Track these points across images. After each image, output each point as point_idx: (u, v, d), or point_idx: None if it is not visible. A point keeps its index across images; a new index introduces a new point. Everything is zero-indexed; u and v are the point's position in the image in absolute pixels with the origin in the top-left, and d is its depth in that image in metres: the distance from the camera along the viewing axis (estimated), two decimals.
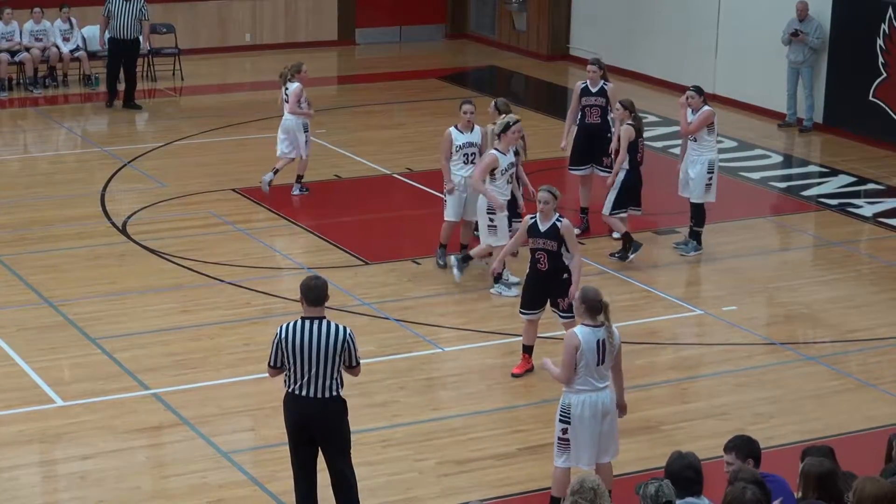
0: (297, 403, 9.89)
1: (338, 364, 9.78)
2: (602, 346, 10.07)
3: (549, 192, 12.74)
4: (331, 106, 23.25)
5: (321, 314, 9.78)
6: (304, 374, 9.77)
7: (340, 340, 9.72)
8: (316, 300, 9.75)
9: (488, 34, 28.70)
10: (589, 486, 7.77)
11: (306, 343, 9.70)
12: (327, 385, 9.78)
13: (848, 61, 21.53)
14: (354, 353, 9.86)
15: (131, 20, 22.71)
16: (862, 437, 12.14)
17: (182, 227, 17.02)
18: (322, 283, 9.80)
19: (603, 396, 10.17)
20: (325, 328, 9.74)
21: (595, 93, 16.83)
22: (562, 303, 12.73)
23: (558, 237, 12.60)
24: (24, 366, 13.13)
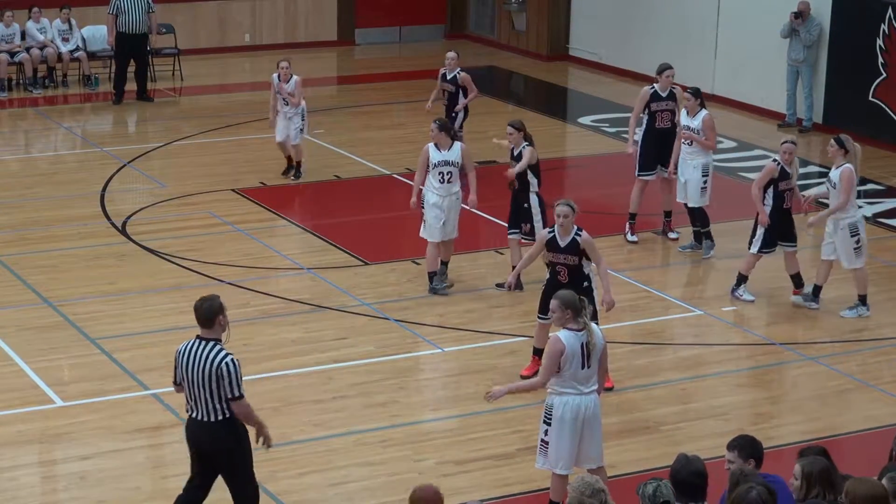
0: (189, 424, 9.65)
1: (218, 391, 9.38)
2: (585, 349, 10.02)
3: (569, 206, 12.42)
4: (330, 106, 23.25)
5: (211, 335, 9.46)
6: (192, 395, 9.50)
7: (214, 367, 9.34)
8: (202, 321, 9.48)
9: (488, 34, 28.70)
10: (599, 486, 7.79)
11: (190, 364, 9.44)
12: (213, 408, 9.43)
13: (848, 61, 21.53)
14: (230, 386, 9.36)
15: (140, 14, 22.86)
16: (862, 438, 12.13)
17: (182, 227, 17.02)
18: (207, 305, 9.50)
19: (587, 401, 10.12)
20: (207, 351, 9.41)
21: (665, 97, 16.77)
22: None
23: (579, 251, 12.42)
24: (23, 366, 13.13)
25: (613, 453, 11.66)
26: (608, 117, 22.77)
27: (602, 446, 10.38)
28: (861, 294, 14.76)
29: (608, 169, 20.16)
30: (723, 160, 20.54)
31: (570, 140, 22.08)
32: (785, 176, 14.69)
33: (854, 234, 14.47)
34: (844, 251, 14.53)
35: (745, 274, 15.00)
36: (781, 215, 14.75)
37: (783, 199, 14.73)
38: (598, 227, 17.20)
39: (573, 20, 27.02)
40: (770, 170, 14.72)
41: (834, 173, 14.48)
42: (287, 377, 13.16)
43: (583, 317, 10.03)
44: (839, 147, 14.43)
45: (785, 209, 14.77)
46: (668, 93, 16.79)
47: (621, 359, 13.66)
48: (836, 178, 14.39)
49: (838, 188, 14.36)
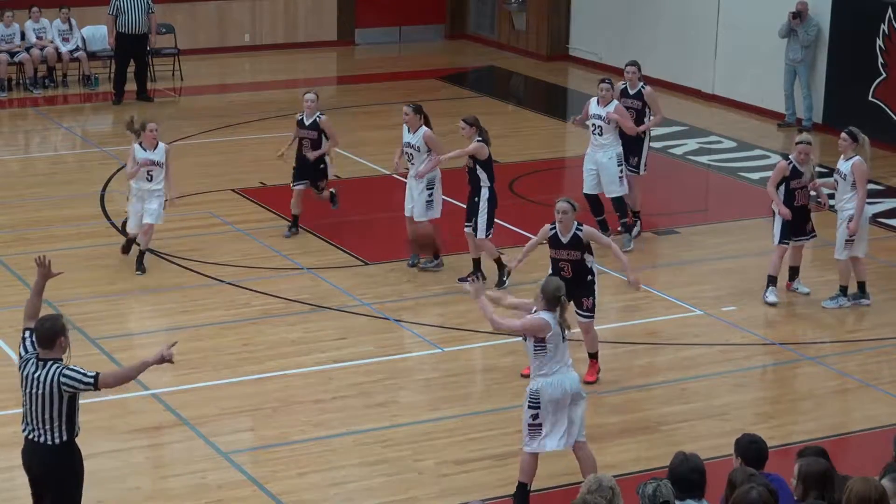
0: (25, 447, 9.35)
1: (57, 410, 9.07)
2: (562, 327, 10.45)
3: (568, 203, 12.54)
4: (330, 106, 23.24)
5: (51, 356, 9.18)
6: (29, 413, 9.19)
7: (55, 383, 9.05)
8: (42, 341, 9.21)
9: (488, 34, 28.71)
10: (607, 484, 7.79)
11: (30, 384, 9.13)
12: (51, 430, 9.13)
13: (847, 61, 21.53)
14: (81, 382, 9.08)
15: (140, 14, 22.90)
16: (862, 438, 12.13)
17: (181, 227, 17.00)
18: (49, 325, 9.23)
19: (570, 378, 10.46)
20: (44, 372, 9.10)
21: (633, 95, 16.87)
22: (586, 302, 12.72)
23: (582, 246, 12.54)
24: None
25: (613, 453, 11.67)
26: None
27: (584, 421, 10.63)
28: (842, 285, 14.90)
29: None
30: (723, 160, 20.57)
31: (570, 140, 22.08)
32: (796, 175, 14.79)
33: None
34: (838, 241, 14.75)
35: (773, 275, 15.00)
36: (794, 212, 14.86)
37: (794, 197, 14.84)
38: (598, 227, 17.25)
39: (573, 20, 27.02)
40: (781, 168, 14.88)
41: (844, 165, 14.62)
42: (287, 377, 13.16)
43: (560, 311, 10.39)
44: (852, 140, 14.63)
45: (796, 206, 14.87)
46: (635, 90, 16.86)
47: (621, 359, 13.67)
48: (848, 171, 14.56)
49: (848, 181, 14.56)
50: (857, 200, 14.56)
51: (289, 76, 25.94)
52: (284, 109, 22.63)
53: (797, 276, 15.26)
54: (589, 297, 12.72)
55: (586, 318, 12.81)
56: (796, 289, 15.25)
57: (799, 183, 14.84)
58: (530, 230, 16.96)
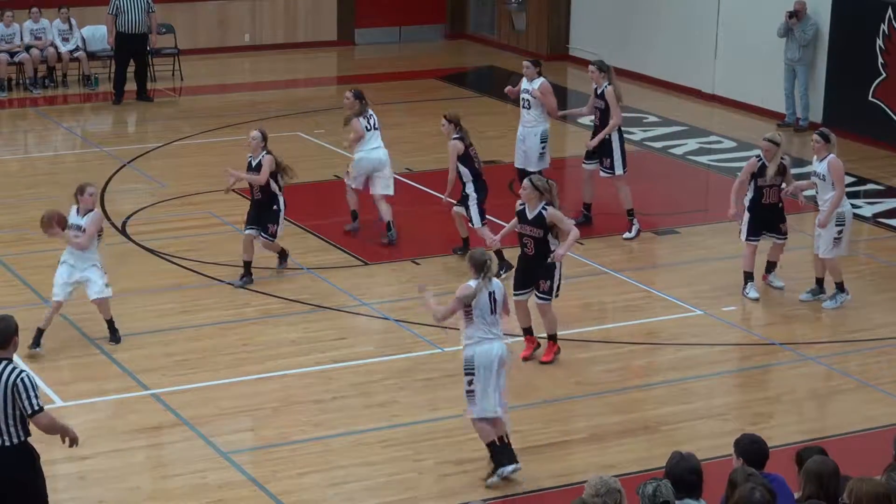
0: None
1: (12, 411, 9.01)
2: (492, 297, 11.01)
3: (530, 181, 13.17)
4: (330, 106, 23.24)
5: (4, 356, 9.11)
6: None
7: (9, 386, 8.97)
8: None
9: (488, 34, 28.70)
10: (615, 487, 7.80)
11: None
12: (5, 431, 9.03)
13: (847, 61, 21.52)
14: (28, 401, 8.99)
15: (140, 14, 22.91)
16: (861, 438, 12.13)
17: (181, 227, 17.01)
18: (3, 326, 9.19)
19: (499, 346, 11.05)
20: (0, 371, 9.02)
21: (598, 95, 17.02)
22: (543, 284, 13.15)
23: (544, 225, 13.00)
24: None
25: (614, 453, 11.68)
26: None
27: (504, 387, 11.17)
28: (837, 282, 14.84)
29: None
30: (723, 160, 20.56)
31: (570, 140, 22.07)
32: (763, 172, 14.84)
33: (839, 223, 14.58)
34: (824, 239, 14.64)
35: (748, 271, 15.06)
36: (762, 209, 14.91)
37: (762, 195, 14.89)
38: (598, 227, 17.26)
39: (573, 20, 27.02)
40: (751, 164, 14.97)
41: (820, 166, 14.61)
42: (287, 377, 13.16)
43: (485, 275, 10.99)
44: (825, 141, 14.60)
45: (765, 204, 14.90)
46: (601, 90, 17.02)
47: (622, 359, 13.67)
48: (825, 170, 14.54)
49: (828, 179, 14.51)
50: (835, 196, 14.47)
51: (289, 76, 25.94)
52: (284, 109, 22.66)
53: (773, 269, 15.34)
54: (547, 280, 13.14)
55: (543, 300, 13.22)
56: (771, 283, 15.31)
57: (765, 181, 14.85)
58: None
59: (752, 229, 15.00)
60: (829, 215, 14.52)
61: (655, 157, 20.80)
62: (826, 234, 14.63)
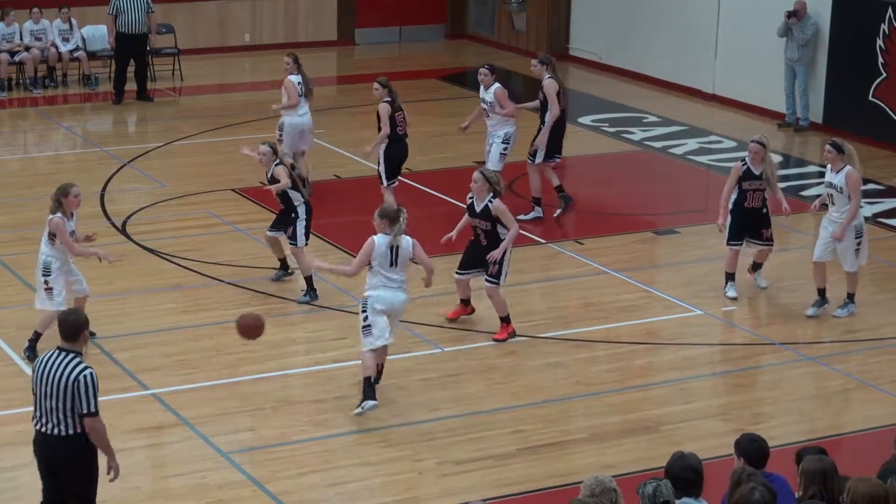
0: (36, 438, 9.48)
1: (71, 404, 9.21)
2: (395, 251, 12.19)
3: (480, 173, 13.73)
4: (330, 106, 23.25)
5: (73, 348, 9.29)
6: (40, 407, 9.31)
7: (71, 379, 9.15)
8: (65, 335, 9.30)
9: (488, 34, 28.71)
10: (610, 486, 7.80)
11: (47, 374, 9.24)
12: (62, 422, 9.25)
13: (848, 61, 21.53)
14: (86, 400, 9.17)
15: (140, 14, 22.93)
16: (862, 437, 12.13)
17: (181, 227, 17.01)
18: (73, 318, 9.35)
19: (397, 295, 12.26)
20: (66, 363, 9.21)
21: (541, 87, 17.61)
22: (491, 268, 13.73)
23: (491, 217, 13.62)
24: (23, 366, 13.13)
25: (614, 453, 11.68)
26: (608, 117, 22.77)
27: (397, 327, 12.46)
28: (850, 292, 14.67)
29: (608, 169, 20.18)
30: (723, 160, 20.55)
31: (569, 140, 22.02)
32: (749, 176, 14.74)
33: (859, 235, 14.37)
34: (846, 252, 14.39)
35: (729, 272, 15.06)
36: (745, 213, 14.79)
37: (745, 198, 14.79)
38: (598, 227, 17.27)
39: (573, 20, 27.02)
40: (736, 169, 14.89)
41: (837, 178, 14.25)
42: (287, 377, 13.16)
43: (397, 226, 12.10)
44: (837, 152, 14.28)
45: (748, 208, 14.79)
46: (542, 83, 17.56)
47: (621, 359, 13.67)
48: (842, 183, 14.19)
49: (845, 192, 14.19)
50: (850, 208, 14.20)
51: None
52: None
53: (759, 269, 15.31)
54: (495, 263, 13.69)
55: (491, 283, 13.81)
56: (756, 282, 15.31)
57: (751, 185, 14.73)
58: (531, 230, 16.98)
59: (733, 234, 14.89)
60: (844, 228, 14.24)
61: (655, 157, 20.80)
62: (846, 247, 14.34)
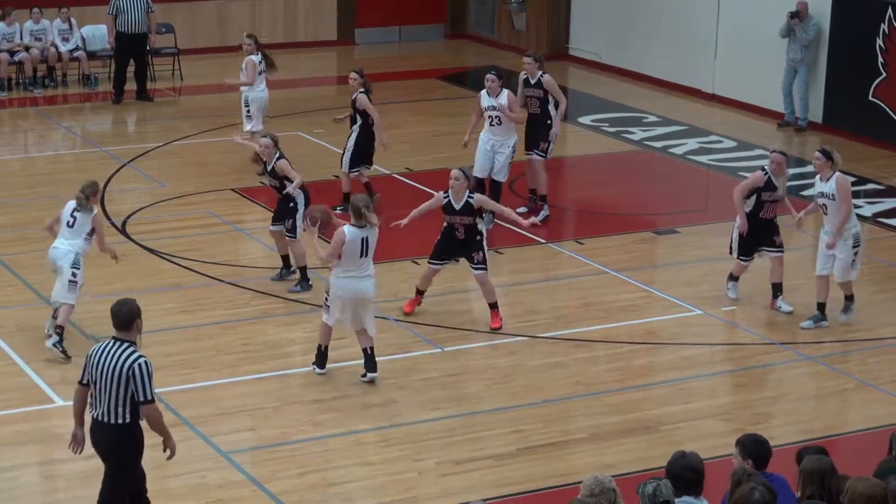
0: (92, 425, 9.63)
1: (124, 394, 9.40)
2: (365, 242, 12.52)
3: (461, 171, 14.00)
4: (330, 106, 23.24)
5: (127, 338, 9.50)
6: (97, 395, 9.49)
7: (125, 368, 9.35)
8: (118, 325, 9.51)
9: (488, 34, 28.70)
10: (609, 486, 7.80)
11: (101, 364, 9.42)
12: (115, 411, 9.44)
13: (847, 61, 21.53)
14: (142, 388, 9.39)
15: (139, 14, 22.94)
16: (861, 437, 12.14)
17: (181, 227, 17.01)
18: (126, 308, 9.55)
19: (364, 284, 12.61)
20: (120, 352, 9.41)
21: (534, 84, 17.27)
22: (476, 256, 14.08)
23: (473, 211, 13.99)
24: (23, 366, 13.13)
25: (613, 453, 11.68)
26: (608, 117, 22.76)
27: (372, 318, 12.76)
28: (849, 294, 14.41)
29: (608, 169, 20.18)
30: (723, 160, 20.56)
31: (569, 140, 22.06)
32: (770, 187, 14.41)
33: (856, 245, 14.05)
34: (841, 263, 14.08)
35: (735, 274, 14.92)
36: (759, 223, 14.50)
37: (762, 208, 14.46)
38: (598, 227, 17.27)
39: (573, 20, 27.02)
40: (757, 178, 14.45)
41: (827, 186, 13.98)
42: (287, 377, 13.16)
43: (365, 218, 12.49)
44: (826, 159, 13.97)
45: (762, 218, 14.49)
46: (535, 80, 17.26)
47: (621, 359, 13.67)
48: (832, 190, 13.92)
49: (837, 199, 13.91)
50: (841, 216, 13.89)
51: (289, 76, 25.90)
52: (284, 110, 22.64)
53: (780, 293, 14.80)
54: (478, 251, 14.08)
55: (479, 270, 14.13)
56: (779, 307, 14.76)
57: (771, 196, 14.42)
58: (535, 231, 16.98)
59: (744, 248, 14.57)
60: (836, 237, 13.95)
61: (655, 157, 20.80)
62: (843, 257, 14.01)
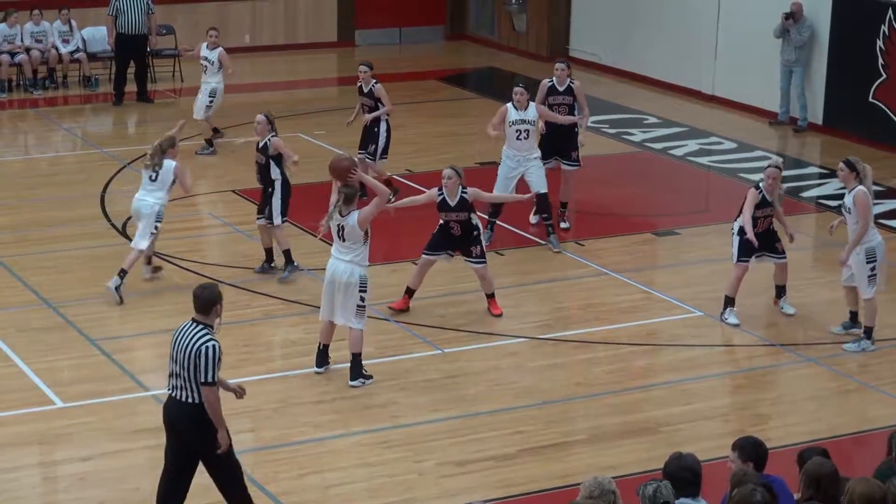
0: (166, 403, 9.97)
1: (194, 373, 9.67)
2: (340, 227, 12.57)
3: (453, 169, 14.26)
4: (330, 107, 23.26)
5: (205, 321, 9.75)
6: (172, 372, 9.81)
7: (195, 348, 9.62)
8: (198, 308, 9.78)
9: (488, 35, 28.71)
10: (609, 488, 7.81)
11: (178, 344, 9.74)
12: (189, 389, 9.72)
13: (848, 62, 21.53)
14: (205, 369, 9.63)
15: (140, 15, 22.95)
16: (862, 439, 12.14)
17: (182, 228, 17.01)
18: (207, 293, 9.79)
19: (340, 266, 12.63)
20: (195, 333, 9.69)
21: (563, 91, 17.03)
22: (474, 250, 14.29)
23: (468, 207, 14.20)
24: (23, 367, 13.13)
25: (614, 454, 11.68)
26: (608, 118, 22.77)
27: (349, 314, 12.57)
28: (868, 326, 13.88)
29: (608, 170, 20.18)
30: (723, 161, 20.57)
31: None
32: (764, 204, 14.29)
33: (870, 259, 13.70)
34: (860, 277, 13.81)
35: (731, 296, 14.52)
36: (757, 236, 14.25)
37: (755, 224, 14.21)
38: (598, 228, 17.27)
39: (573, 21, 27.03)
40: (753, 197, 14.27)
41: (848, 198, 13.78)
42: (287, 378, 13.16)
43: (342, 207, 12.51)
44: (850, 170, 13.68)
45: (758, 232, 14.25)
46: (565, 87, 17.02)
47: (622, 360, 13.67)
48: (850, 203, 13.72)
49: (854, 213, 13.71)
50: (858, 230, 13.66)
51: (289, 77, 25.96)
52: (285, 110, 22.65)
53: (784, 294, 14.77)
54: (476, 245, 14.28)
55: (478, 263, 14.36)
56: (782, 308, 14.74)
57: (763, 212, 14.28)
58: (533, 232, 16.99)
59: (745, 250, 14.35)
60: (849, 252, 13.68)
61: (655, 158, 20.80)
62: (859, 272, 13.74)
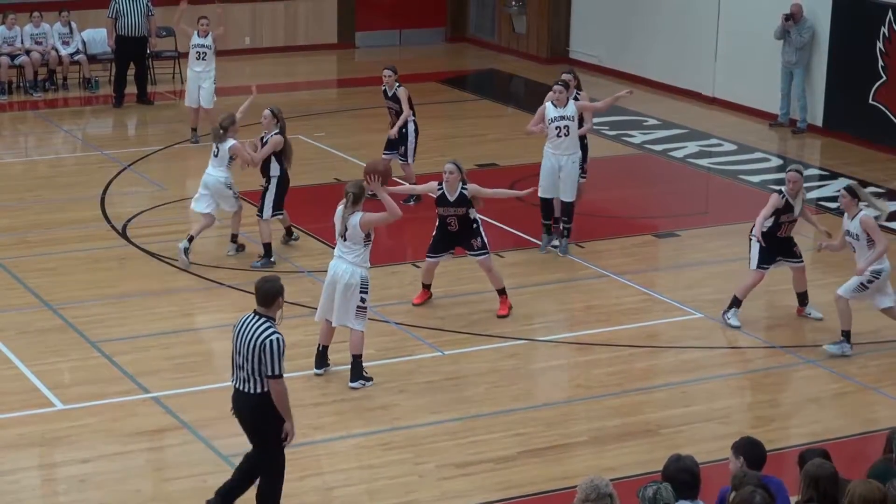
0: (233, 395, 10.19)
1: (258, 365, 9.88)
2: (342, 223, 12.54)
3: (454, 164, 14.26)
4: (331, 109, 23.26)
5: (267, 314, 9.99)
6: (235, 364, 10.04)
7: (259, 342, 9.84)
8: (260, 300, 10.04)
9: (488, 37, 28.71)
10: (605, 491, 7.79)
11: (241, 336, 9.97)
12: (252, 380, 9.93)
13: (848, 64, 21.54)
14: (270, 363, 9.85)
15: (139, 17, 22.97)
16: (862, 441, 12.14)
17: (182, 230, 16.98)
18: (269, 286, 10.02)
19: (341, 266, 12.57)
20: (257, 325, 9.93)
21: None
22: (475, 243, 14.35)
23: (467, 201, 14.22)
24: (23, 369, 13.13)
25: (614, 456, 11.68)
26: (608, 120, 22.76)
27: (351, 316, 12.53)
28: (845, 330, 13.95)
29: (608, 172, 20.17)
30: (723, 163, 20.57)
31: None
32: (788, 209, 14.28)
33: (874, 276, 13.65)
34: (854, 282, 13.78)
35: (740, 298, 14.55)
36: (777, 241, 14.34)
37: (780, 228, 14.29)
38: (598, 230, 17.27)
39: (573, 23, 27.04)
40: (775, 201, 14.25)
41: (852, 224, 13.70)
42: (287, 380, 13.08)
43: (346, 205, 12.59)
44: (852, 197, 13.65)
45: (780, 237, 14.31)
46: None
47: (623, 362, 13.67)
48: (857, 230, 13.63)
49: (862, 239, 13.61)
50: (876, 251, 13.53)
51: (289, 79, 25.96)
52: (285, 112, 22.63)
53: (807, 300, 14.75)
54: (476, 237, 14.33)
55: (480, 255, 14.38)
56: (808, 314, 14.73)
57: (789, 217, 14.29)
58: (532, 233, 16.98)
59: (764, 257, 14.30)
60: (868, 264, 13.60)
61: (655, 160, 20.81)
62: (856, 281, 13.76)
